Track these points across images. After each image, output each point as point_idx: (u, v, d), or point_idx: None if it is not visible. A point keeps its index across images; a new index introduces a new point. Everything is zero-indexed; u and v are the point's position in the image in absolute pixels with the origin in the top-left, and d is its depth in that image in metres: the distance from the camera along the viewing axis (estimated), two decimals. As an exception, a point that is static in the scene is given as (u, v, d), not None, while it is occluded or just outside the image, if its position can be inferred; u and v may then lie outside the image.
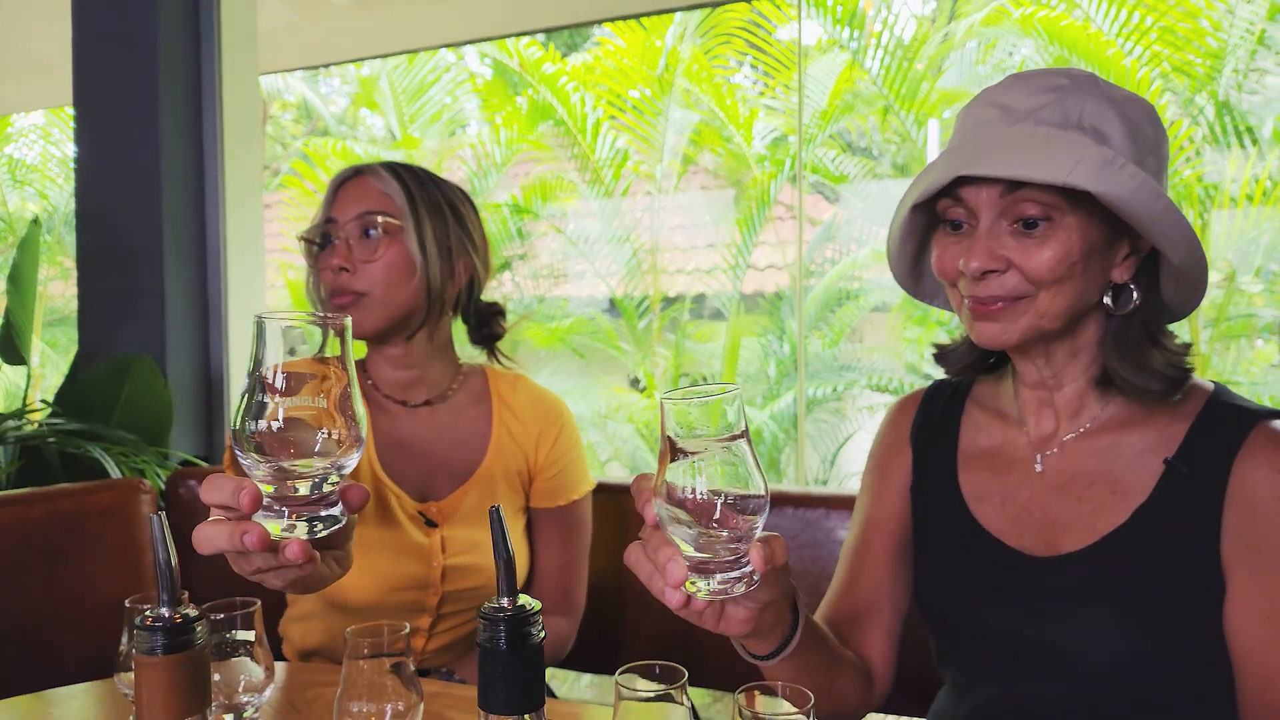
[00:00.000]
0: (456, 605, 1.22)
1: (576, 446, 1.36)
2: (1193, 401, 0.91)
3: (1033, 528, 0.94)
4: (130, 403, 1.89)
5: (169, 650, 0.48)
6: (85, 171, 2.24)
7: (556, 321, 5.28)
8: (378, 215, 1.19)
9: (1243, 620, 0.84)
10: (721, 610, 0.76)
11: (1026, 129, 0.85)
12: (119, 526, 1.54)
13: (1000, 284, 0.86)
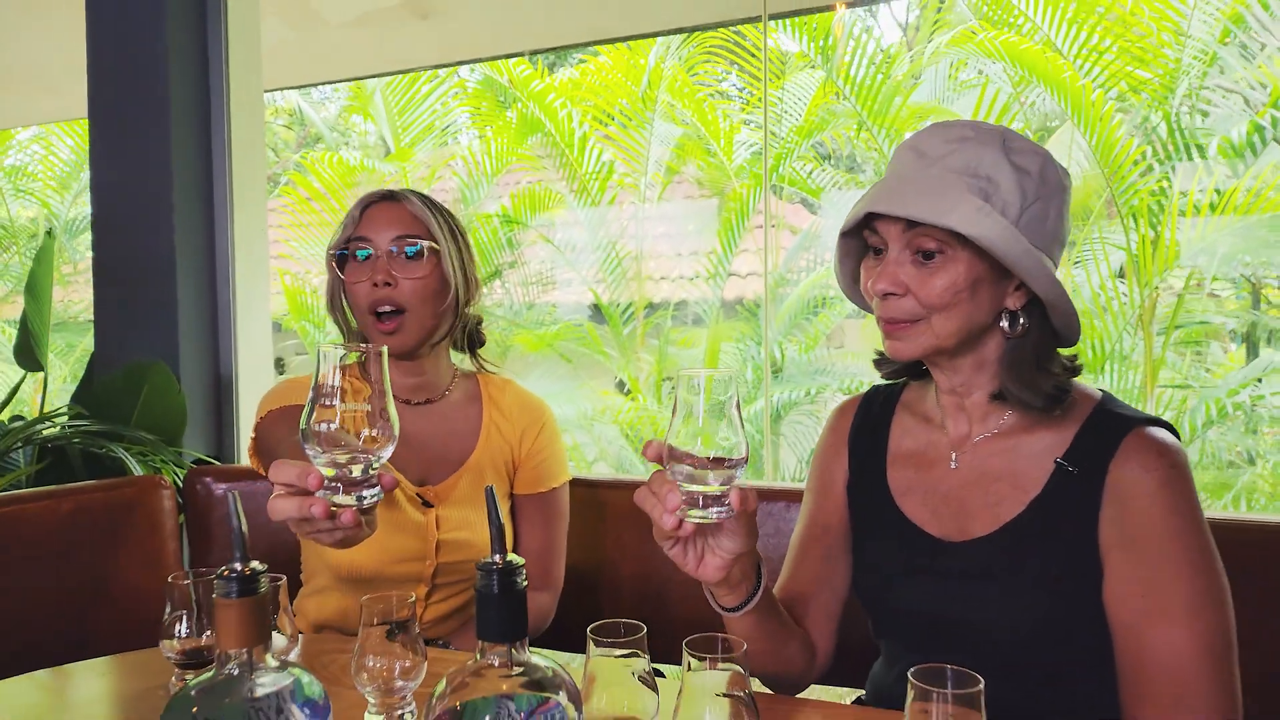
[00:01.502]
0: (450, 577, 1.37)
1: (556, 442, 1.52)
2: (1081, 409, 1.04)
3: (948, 517, 1.08)
4: (147, 406, 2.04)
5: (241, 595, 0.64)
6: (100, 187, 2.38)
7: (545, 328, 5.44)
8: (419, 238, 1.34)
9: (1118, 598, 0.98)
10: (701, 557, 0.93)
11: (933, 174, 1.00)
12: (142, 519, 1.68)
13: (899, 307, 1.01)
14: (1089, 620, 0.99)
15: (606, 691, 0.84)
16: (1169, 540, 0.96)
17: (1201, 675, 0.93)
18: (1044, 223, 1.01)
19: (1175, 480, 0.97)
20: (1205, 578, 0.96)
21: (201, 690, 0.62)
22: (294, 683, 0.64)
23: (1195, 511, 0.98)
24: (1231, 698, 0.94)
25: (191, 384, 2.25)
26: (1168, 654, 0.94)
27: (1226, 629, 0.95)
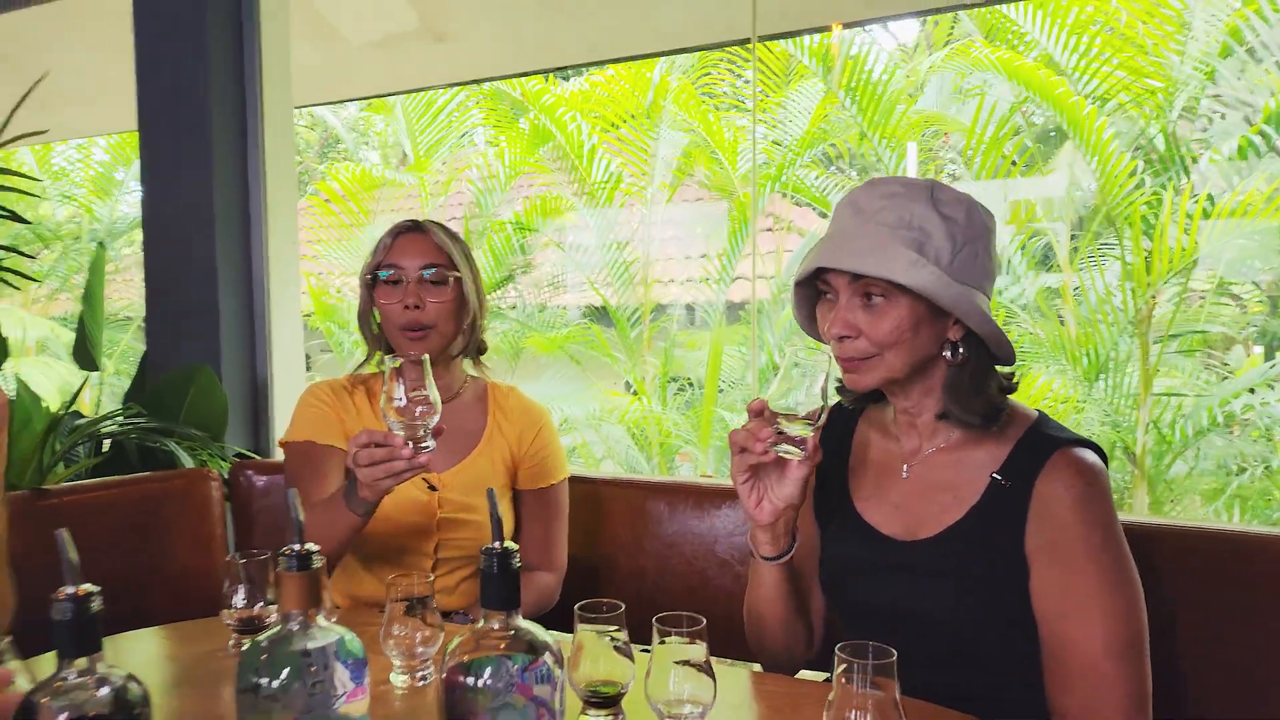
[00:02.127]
0: (450, 553, 1.58)
1: (554, 443, 1.72)
2: (1018, 427, 1.18)
3: (899, 520, 1.22)
4: (194, 405, 2.25)
5: (299, 569, 0.83)
6: (150, 205, 2.59)
7: (555, 330, 5.64)
8: (444, 268, 1.55)
9: (1041, 596, 1.11)
10: (759, 502, 1.16)
11: (870, 229, 1.15)
12: (192, 506, 1.88)
13: (854, 347, 1.17)
14: (1019, 616, 1.12)
15: (590, 659, 1.03)
16: (1083, 549, 1.08)
17: (1113, 667, 1.06)
18: (974, 261, 1.16)
19: (1092, 496, 1.10)
20: (1116, 582, 1.08)
21: (271, 640, 0.81)
22: (339, 640, 0.83)
23: (1110, 524, 1.11)
24: (1140, 686, 1.07)
25: (232, 384, 2.46)
26: (1082, 648, 1.07)
27: (1137, 628, 1.08)
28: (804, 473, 1.14)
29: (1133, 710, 1.07)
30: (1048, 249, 5.03)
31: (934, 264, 1.13)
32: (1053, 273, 4.88)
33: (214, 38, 2.57)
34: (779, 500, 1.16)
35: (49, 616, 0.72)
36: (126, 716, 0.74)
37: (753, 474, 1.16)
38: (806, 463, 1.13)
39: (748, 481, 1.16)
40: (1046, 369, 4.51)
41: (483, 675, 0.78)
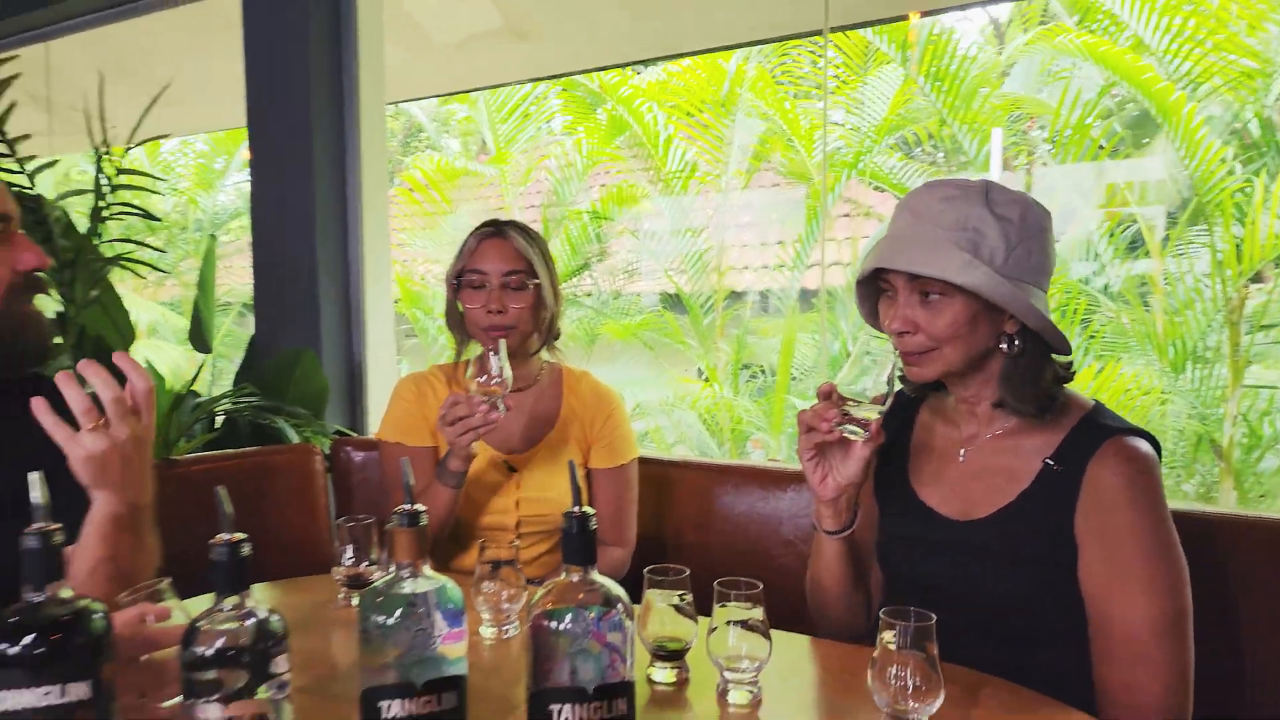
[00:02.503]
0: (531, 528, 1.71)
1: (624, 425, 1.84)
2: (1072, 416, 1.23)
3: (955, 501, 1.29)
4: (298, 385, 2.45)
5: (410, 525, 0.96)
6: (258, 200, 2.80)
7: (630, 317, 5.77)
8: (524, 274, 1.68)
9: (1088, 576, 1.17)
10: (823, 478, 1.26)
11: (926, 230, 1.22)
12: (299, 478, 2.07)
13: (913, 342, 1.24)
14: (1065, 593, 1.19)
15: (657, 618, 1.14)
16: (1130, 532, 1.14)
17: (1154, 644, 1.12)
18: (1029, 259, 1.22)
19: (1141, 483, 1.16)
20: (1161, 564, 1.14)
21: (385, 585, 0.94)
22: (441, 588, 0.96)
23: (1157, 510, 1.16)
24: (1181, 664, 1.13)
25: (331, 367, 2.66)
26: (1126, 625, 1.13)
27: (1180, 607, 1.14)
28: (867, 453, 1.23)
29: (1174, 685, 1.12)
30: (1137, 235, 4.90)
31: (988, 263, 1.18)
32: (1141, 259, 4.76)
33: (315, 41, 2.75)
34: (842, 478, 1.25)
35: (180, 565, 0.86)
36: (269, 644, 0.88)
37: (818, 452, 1.25)
38: (870, 443, 1.22)
39: (813, 459, 1.26)
40: (1131, 359, 4.42)
41: (563, 622, 0.90)
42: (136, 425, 1.13)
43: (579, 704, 0.87)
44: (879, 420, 1.21)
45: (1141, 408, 4.05)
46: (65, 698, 0.82)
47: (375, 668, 0.90)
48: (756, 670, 1.07)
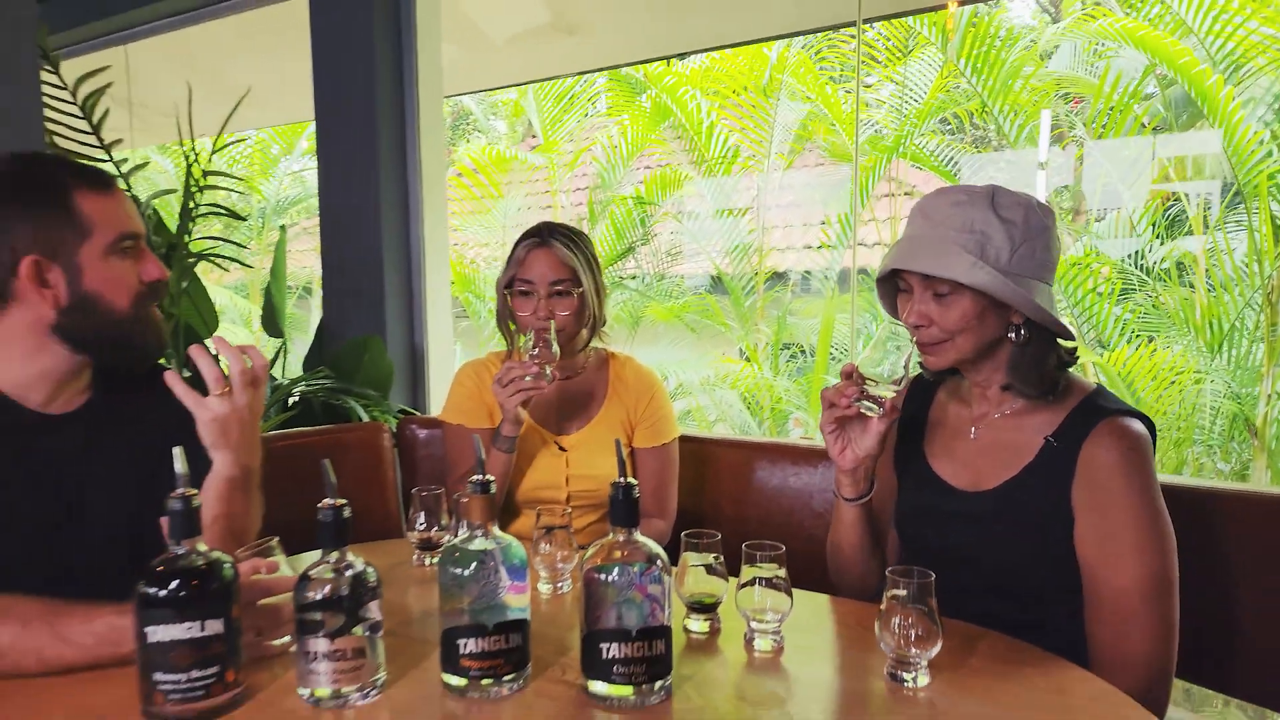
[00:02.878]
0: (580, 501, 1.88)
1: (666, 406, 1.99)
2: (1073, 398, 1.35)
3: (965, 474, 1.41)
4: (367, 369, 2.66)
5: (481, 492, 1.13)
6: (326, 196, 3.00)
7: (673, 299, 5.91)
8: (569, 282, 1.83)
9: (1082, 542, 1.28)
10: (843, 450, 1.40)
11: (938, 233, 1.34)
12: (369, 454, 2.27)
13: (928, 334, 1.37)
14: (1063, 558, 1.30)
15: (693, 576, 1.30)
16: (1120, 503, 1.25)
17: (1141, 604, 1.24)
18: (1032, 257, 1.33)
19: (1131, 459, 1.27)
20: (1149, 533, 1.25)
21: (462, 542, 1.11)
22: (506, 546, 1.12)
23: (1147, 483, 1.27)
24: (1166, 623, 1.25)
25: (395, 352, 2.86)
26: (1115, 586, 1.25)
27: (1166, 572, 1.25)
28: (883, 428, 1.37)
29: (1158, 643, 1.25)
30: (1181, 214, 4.89)
31: (994, 262, 1.31)
32: (1182, 238, 4.74)
33: (378, 41, 2.92)
34: (860, 450, 1.39)
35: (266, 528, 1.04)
36: (366, 591, 1.06)
37: (839, 426, 1.40)
38: (885, 419, 1.36)
39: (834, 432, 1.40)
40: (1170, 339, 4.43)
41: (611, 574, 1.06)
42: (254, 395, 1.32)
43: (623, 643, 1.03)
44: (895, 399, 1.35)
45: (1175, 388, 4.07)
46: (204, 632, 1.00)
47: (453, 612, 1.07)
48: (779, 622, 1.22)
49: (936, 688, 1.08)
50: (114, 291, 1.29)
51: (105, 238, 1.27)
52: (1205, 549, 1.52)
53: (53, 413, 1.33)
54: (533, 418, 1.90)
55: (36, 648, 1.09)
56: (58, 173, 1.27)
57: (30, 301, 1.25)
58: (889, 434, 1.40)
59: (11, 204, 1.23)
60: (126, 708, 1.02)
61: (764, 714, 1.03)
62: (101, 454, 1.36)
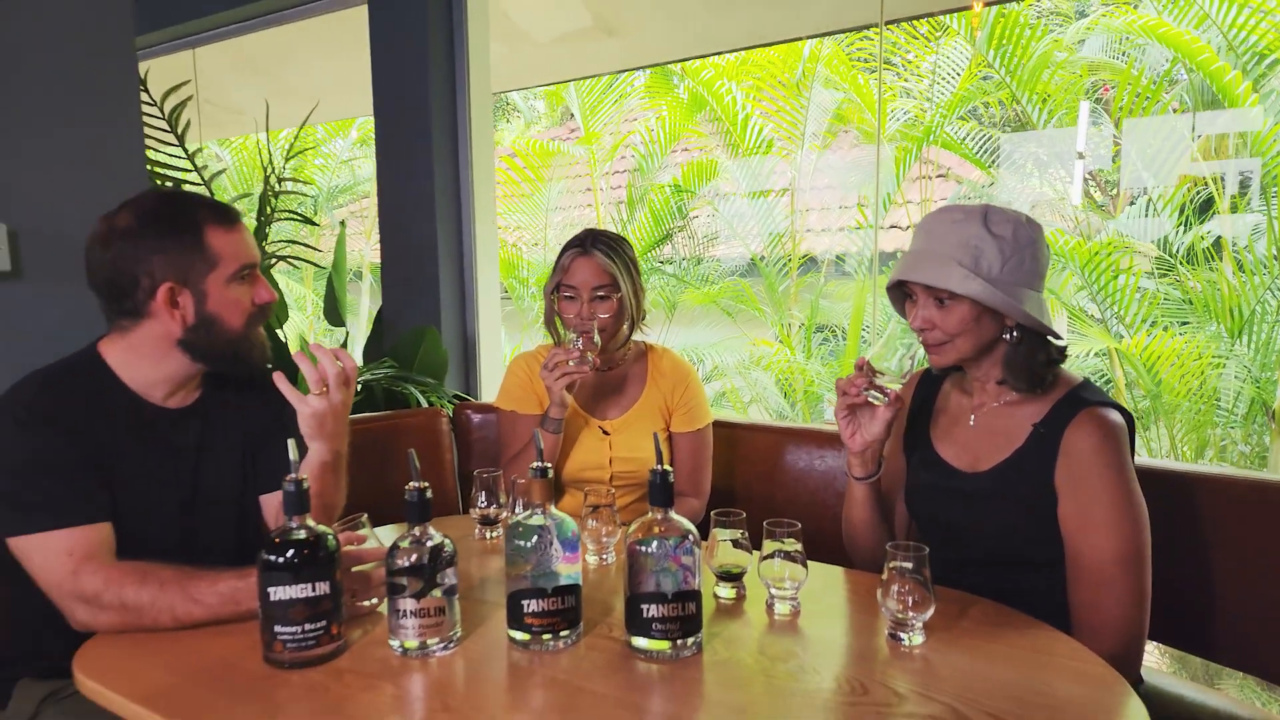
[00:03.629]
0: (620, 481, 2.07)
1: (700, 394, 2.17)
2: (1061, 390, 1.52)
3: (964, 456, 1.59)
4: (424, 358, 2.87)
5: (541, 476, 1.32)
6: (384, 191, 3.20)
7: (710, 284, 6.07)
8: (609, 287, 2.01)
9: (1064, 517, 1.43)
10: (854, 433, 1.57)
11: (936, 248, 1.50)
12: (428, 437, 2.47)
13: (931, 336, 1.54)
14: (1048, 532, 1.46)
15: (721, 549, 1.48)
16: (1097, 483, 1.41)
17: (1115, 573, 1.40)
18: (1021, 267, 1.49)
19: (1107, 445, 1.42)
20: (1124, 509, 1.41)
21: (524, 518, 1.31)
22: (560, 522, 1.31)
23: (1121, 466, 1.42)
24: (1138, 591, 1.40)
25: (448, 340, 3.07)
26: (1092, 557, 1.41)
27: (1138, 545, 1.41)
28: (889, 415, 1.55)
29: (1131, 607, 1.41)
30: (1209, 199, 4.92)
31: (986, 274, 1.47)
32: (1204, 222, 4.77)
33: (433, 42, 3.09)
34: (869, 435, 1.58)
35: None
36: (444, 560, 1.26)
37: (851, 413, 1.58)
38: (890, 408, 1.54)
39: (846, 418, 1.59)
40: (1195, 323, 4.49)
41: (650, 547, 1.24)
42: (346, 393, 1.53)
43: (661, 604, 1.22)
44: (898, 391, 1.54)
45: (1191, 373, 4.15)
46: (315, 592, 1.21)
47: (516, 577, 1.27)
48: (796, 589, 1.40)
49: (931, 645, 1.26)
50: (231, 313, 1.50)
51: (229, 268, 1.48)
52: (1187, 525, 1.67)
53: (171, 407, 1.55)
54: (579, 405, 2.10)
55: (170, 605, 1.32)
56: (194, 211, 1.48)
57: (162, 319, 1.47)
58: (895, 421, 1.58)
59: (156, 238, 1.44)
60: (246, 655, 1.24)
61: (781, 666, 1.22)
62: (212, 443, 1.59)
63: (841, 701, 1.11)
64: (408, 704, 1.14)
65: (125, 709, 1.14)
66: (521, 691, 1.17)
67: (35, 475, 1.36)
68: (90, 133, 2.00)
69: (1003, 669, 1.19)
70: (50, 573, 1.34)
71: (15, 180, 1.91)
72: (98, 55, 2.00)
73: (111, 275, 1.44)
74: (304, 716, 1.10)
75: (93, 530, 1.37)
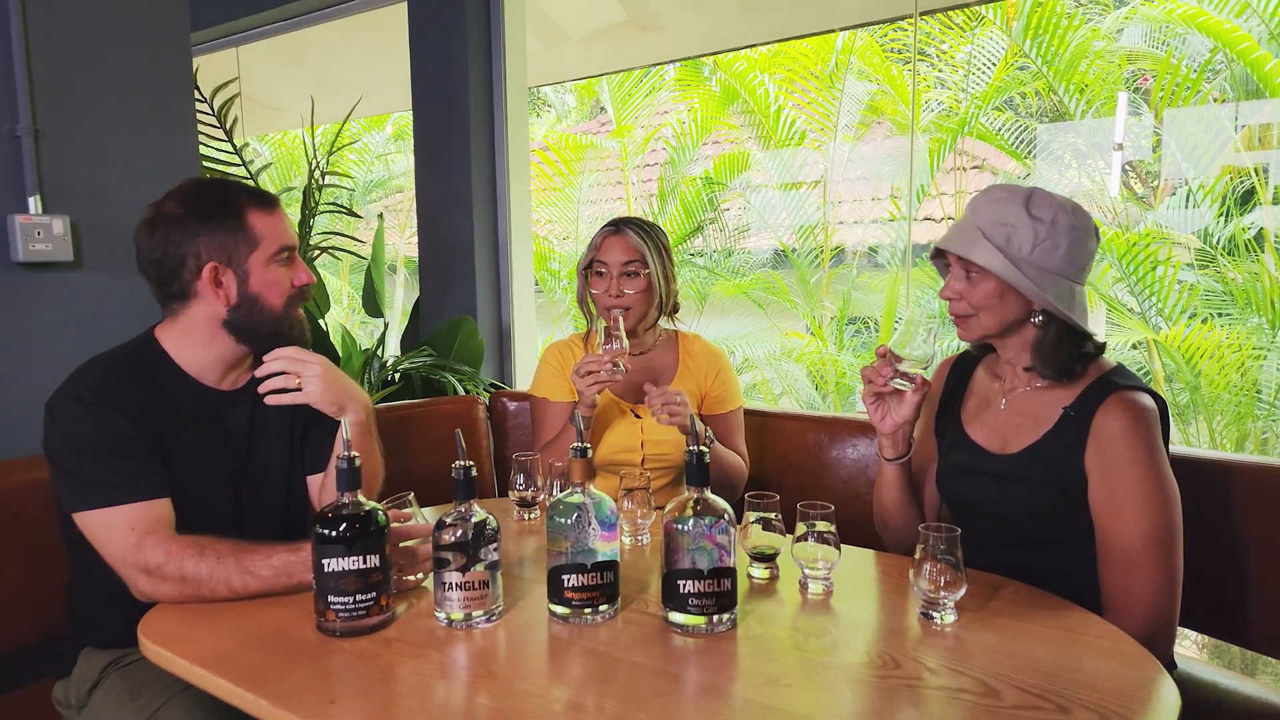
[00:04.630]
0: (651, 464, 2.11)
1: (731, 378, 2.21)
2: (1092, 375, 1.54)
3: (995, 439, 1.61)
4: (461, 347, 2.93)
5: (580, 457, 1.36)
6: (422, 185, 3.26)
7: (740, 276, 6.08)
8: (638, 264, 2.07)
9: (1094, 500, 1.45)
10: (884, 416, 1.61)
11: (974, 223, 1.53)
12: (465, 423, 2.53)
13: (957, 307, 1.57)
14: (1078, 514, 1.48)
15: (755, 531, 1.52)
16: (1126, 465, 1.42)
17: (1145, 554, 1.41)
18: (1055, 253, 1.49)
19: (1137, 427, 1.43)
20: (1153, 491, 1.41)
21: (565, 496, 1.35)
22: (598, 503, 1.35)
23: (1151, 448, 1.43)
24: (1168, 572, 1.41)
25: (484, 330, 3.13)
26: (1121, 539, 1.43)
27: (1168, 526, 1.42)
28: (916, 399, 1.59)
29: (1161, 588, 1.42)
30: (1250, 191, 4.84)
31: (1015, 253, 1.49)
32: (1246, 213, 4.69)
33: (471, 39, 3.14)
34: (898, 417, 1.62)
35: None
36: (488, 535, 1.31)
37: (879, 398, 1.62)
38: (916, 393, 1.58)
39: (874, 403, 1.63)
40: (1237, 316, 4.43)
41: (686, 525, 1.28)
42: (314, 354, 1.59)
43: (697, 580, 1.26)
44: (922, 375, 1.58)
45: (1234, 364, 4.09)
46: (366, 564, 1.27)
47: (556, 553, 1.32)
48: (828, 569, 1.43)
49: (962, 624, 1.28)
50: (271, 293, 1.56)
51: (269, 249, 1.55)
52: (1226, 513, 1.68)
53: (224, 389, 1.62)
54: (612, 390, 2.15)
55: (227, 577, 1.38)
56: (235, 195, 1.55)
57: (207, 299, 1.53)
58: (925, 404, 1.61)
59: (200, 221, 1.51)
60: (299, 624, 1.30)
61: (814, 641, 1.26)
62: (262, 423, 1.65)
63: (873, 674, 1.14)
64: (453, 671, 1.19)
65: (188, 671, 1.20)
66: (561, 661, 1.21)
67: (99, 454, 1.43)
68: (148, 130, 2.08)
69: (1033, 646, 1.21)
70: (115, 545, 1.41)
71: (77, 175, 1.99)
72: (156, 56, 2.09)
73: (160, 258, 1.51)
74: (355, 680, 1.15)
75: (153, 506, 1.44)
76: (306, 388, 1.56)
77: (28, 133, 1.91)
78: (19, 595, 1.74)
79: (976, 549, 1.45)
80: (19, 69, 1.85)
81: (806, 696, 1.09)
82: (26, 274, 1.98)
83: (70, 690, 1.56)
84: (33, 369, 1.94)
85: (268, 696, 1.10)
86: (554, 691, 1.11)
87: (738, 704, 1.08)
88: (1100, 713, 1.03)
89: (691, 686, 1.13)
